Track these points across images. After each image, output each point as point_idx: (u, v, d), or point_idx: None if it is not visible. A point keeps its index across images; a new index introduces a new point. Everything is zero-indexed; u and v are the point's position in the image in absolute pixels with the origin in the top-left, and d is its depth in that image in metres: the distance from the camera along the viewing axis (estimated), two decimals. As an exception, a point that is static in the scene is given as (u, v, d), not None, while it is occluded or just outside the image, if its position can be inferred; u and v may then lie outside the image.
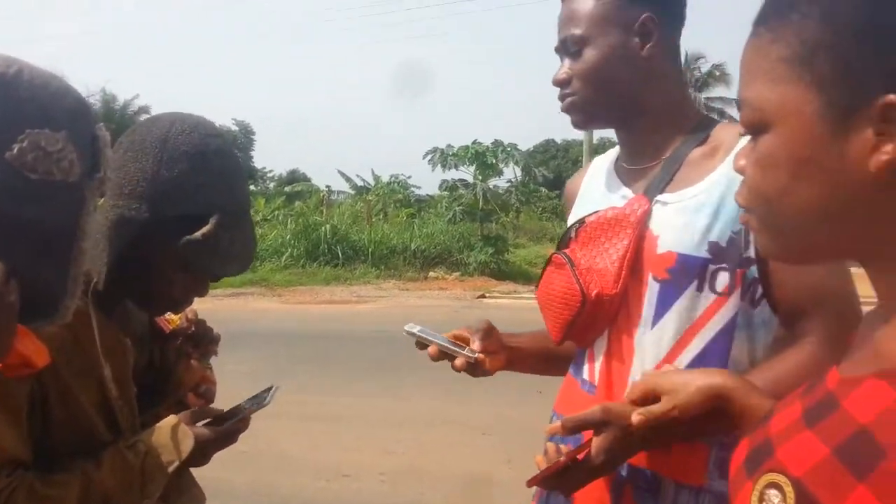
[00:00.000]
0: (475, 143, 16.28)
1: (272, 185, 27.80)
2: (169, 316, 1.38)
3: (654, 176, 1.23)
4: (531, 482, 1.06)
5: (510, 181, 18.75)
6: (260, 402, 1.30)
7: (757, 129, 0.60)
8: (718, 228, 1.12)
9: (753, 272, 1.12)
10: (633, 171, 1.28)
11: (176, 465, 1.17)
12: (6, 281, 0.73)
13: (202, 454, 1.22)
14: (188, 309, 1.33)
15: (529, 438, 1.73)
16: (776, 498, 0.55)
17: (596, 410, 0.98)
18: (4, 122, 0.75)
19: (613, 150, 1.40)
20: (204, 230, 1.10)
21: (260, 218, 17.91)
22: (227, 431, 1.25)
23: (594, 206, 1.28)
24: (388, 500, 3.96)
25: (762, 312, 1.14)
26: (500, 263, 15.07)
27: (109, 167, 0.88)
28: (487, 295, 12.34)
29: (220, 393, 1.46)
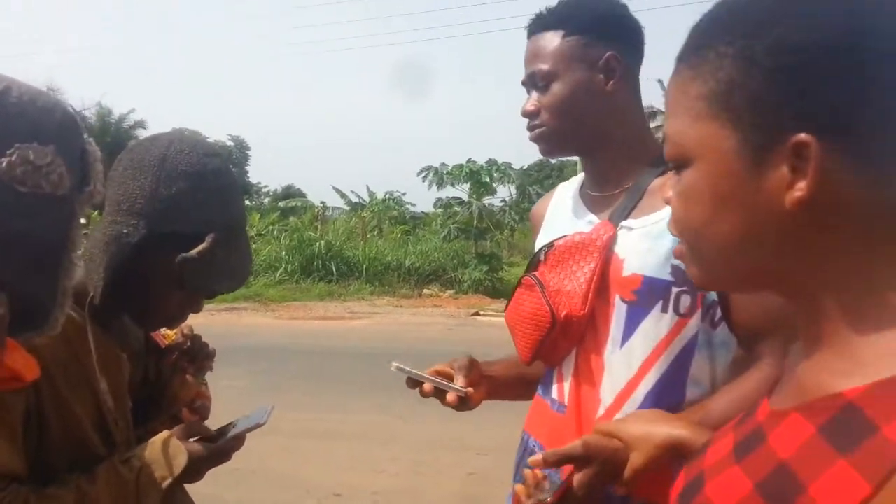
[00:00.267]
0: (470, 161, 16.35)
1: (267, 200, 27.82)
2: (165, 331, 1.38)
3: (618, 203, 1.29)
4: None
5: (504, 200, 18.83)
6: (256, 421, 1.30)
7: (680, 163, 0.61)
8: None
9: (713, 295, 1.17)
10: (597, 197, 1.35)
11: (170, 481, 1.16)
12: None
13: (196, 470, 1.21)
14: (184, 324, 1.33)
15: (525, 458, 1.71)
16: None
17: (577, 446, 1.01)
18: None
19: (577, 177, 1.47)
20: (200, 248, 1.11)
21: (254, 233, 17.89)
22: (221, 449, 1.24)
23: (562, 230, 1.34)
24: (380, 519, 3.93)
25: (722, 333, 1.18)
26: (494, 281, 15.07)
27: (100, 180, 0.89)
28: (482, 313, 12.32)
29: (212, 408, 1.45)
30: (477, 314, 12.29)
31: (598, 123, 1.28)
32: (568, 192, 1.44)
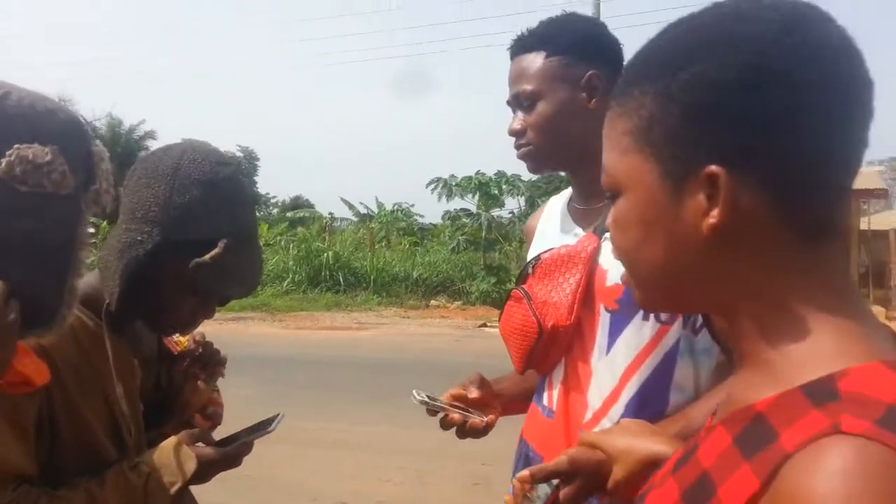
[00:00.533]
0: (478, 173, 16.38)
1: (275, 210, 27.84)
2: (177, 338, 1.40)
3: (602, 216, 1.32)
4: None
5: (513, 211, 18.83)
6: (264, 428, 1.31)
7: (613, 193, 0.67)
8: None
9: None
10: (583, 210, 1.39)
11: (179, 486, 1.17)
12: (6, 300, 0.75)
13: (204, 474, 1.22)
14: (196, 332, 1.35)
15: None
16: None
17: (563, 461, 1.03)
18: None
19: (566, 191, 1.50)
20: (212, 253, 1.14)
21: (263, 243, 17.71)
22: (230, 454, 1.25)
23: (550, 244, 1.38)
24: (385, 528, 3.93)
25: (704, 340, 1.20)
26: (502, 293, 15.01)
27: (107, 180, 0.89)
28: (489, 324, 12.30)
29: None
30: (484, 326, 12.28)
31: (582, 140, 1.31)
32: (557, 205, 1.49)
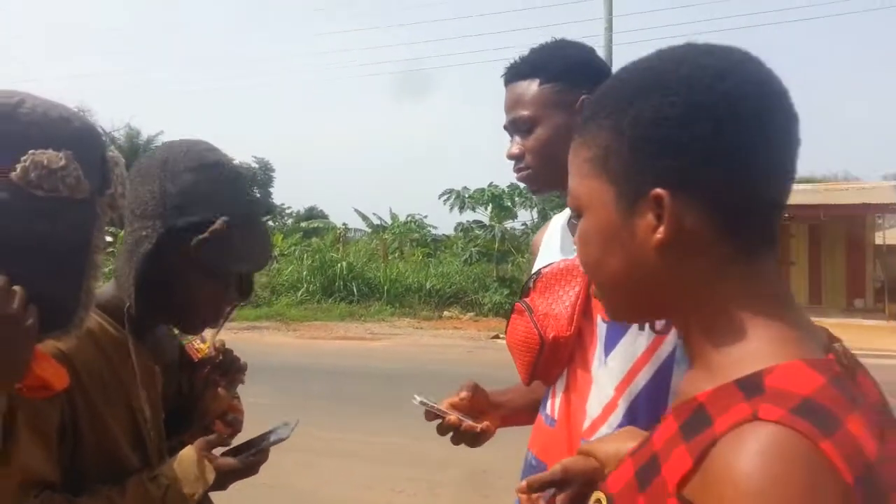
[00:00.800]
0: (491, 185, 16.41)
1: (290, 221, 27.91)
2: (197, 345, 1.43)
3: None
4: None
5: (526, 223, 18.83)
6: (280, 435, 1.33)
7: (577, 213, 0.74)
8: None
9: None
10: None
11: (197, 498, 1.19)
12: (25, 305, 0.77)
13: (222, 482, 1.24)
14: (216, 339, 1.38)
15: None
16: None
17: (556, 471, 1.05)
18: (8, 146, 0.80)
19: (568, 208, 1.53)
20: (212, 228, 1.16)
21: (277, 253, 18.01)
22: (248, 463, 1.28)
23: (551, 259, 1.43)
24: (397, 539, 3.94)
25: None
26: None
27: (122, 184, 0.91)
28: (501, 335, 12.25)
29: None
30: (497, 337, 12.25)
31: None
32: (559, 222, 1.53)
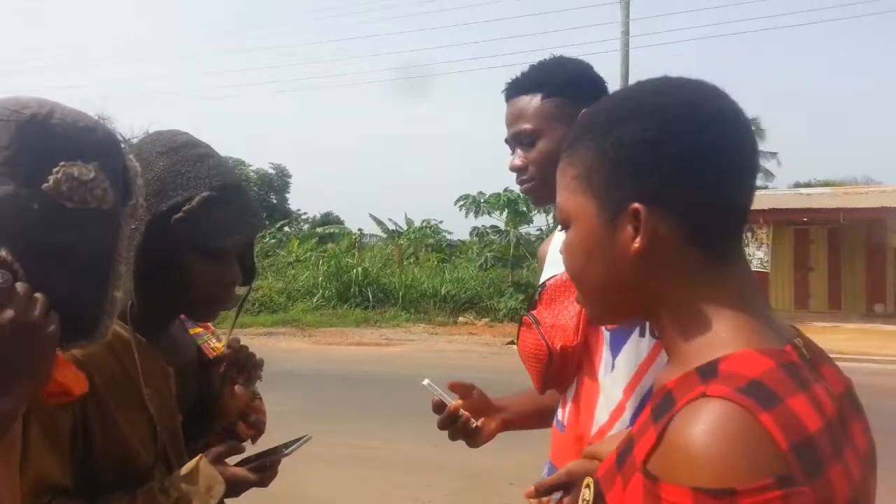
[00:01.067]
0: (507, 190, 16.38)
1: (306, 226, 28.04)
2: (213, 343, 1.41)
3: None
4: None
5: (541, 228, 18.80)
6: (291, 449, 1.32)
7: (564, 225, 0.82)
8: None
9: None
10: None
11: None
12: (46, 312, 0.77)
13: (234, 491, 1.23)
14: (231, 338, 1.36)
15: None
16: (587, 492, 0.78)
17: (562, 474, 1.08)
18: (40, 157, 0.80)
19: None
20: (193, 201, 1.18)
21: (293, 259, 18.12)
22: (259, 476, 1.26)
23: (555, 270, 1.43)
24: (413, 547, 3.90)
25: None
26: (530, 310, 14.98)
27: (142, 195, 0.94)
28: (516, 341, 12.26)
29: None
30: (512, 343, 12.20)
31: None
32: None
